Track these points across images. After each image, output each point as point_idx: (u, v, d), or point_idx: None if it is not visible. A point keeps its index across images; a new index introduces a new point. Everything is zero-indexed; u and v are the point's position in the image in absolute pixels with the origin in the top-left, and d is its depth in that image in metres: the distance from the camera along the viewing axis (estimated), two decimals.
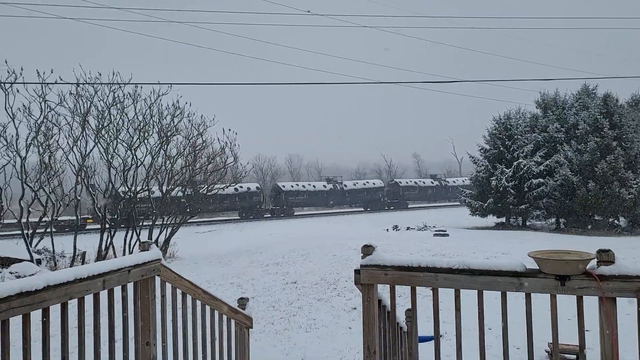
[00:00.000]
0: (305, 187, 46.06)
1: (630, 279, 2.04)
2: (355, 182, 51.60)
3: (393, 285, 2.54)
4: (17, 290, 1.87)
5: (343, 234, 21.00)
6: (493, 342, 4.48)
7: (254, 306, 8.21)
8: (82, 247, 14.08)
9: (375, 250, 2.50)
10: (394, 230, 24.22)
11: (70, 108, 13.95)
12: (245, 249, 16.77)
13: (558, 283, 2.15)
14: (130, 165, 15.02)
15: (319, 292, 9.37)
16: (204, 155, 17.00)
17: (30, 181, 13.69)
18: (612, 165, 21.85)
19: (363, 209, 48.31)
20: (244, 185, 40.36)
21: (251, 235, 23.95)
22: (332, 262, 12.25)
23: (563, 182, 23.36)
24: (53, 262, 13.30)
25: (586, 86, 26.89)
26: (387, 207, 48.97)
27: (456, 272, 2.32)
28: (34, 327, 2.01)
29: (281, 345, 6.49)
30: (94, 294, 2.40)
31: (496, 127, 26.72)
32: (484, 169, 26.40)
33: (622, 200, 21.69)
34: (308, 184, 47.62)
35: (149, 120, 15.12)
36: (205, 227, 31.99)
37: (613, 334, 2.07)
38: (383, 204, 48.97)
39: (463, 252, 13.40)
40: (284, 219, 40.29)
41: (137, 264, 2.74)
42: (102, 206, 14.66)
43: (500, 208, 25.36)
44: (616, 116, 23.12)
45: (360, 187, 48.97)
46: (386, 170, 76.11)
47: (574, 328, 2.20)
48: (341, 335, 6.85)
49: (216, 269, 12.54)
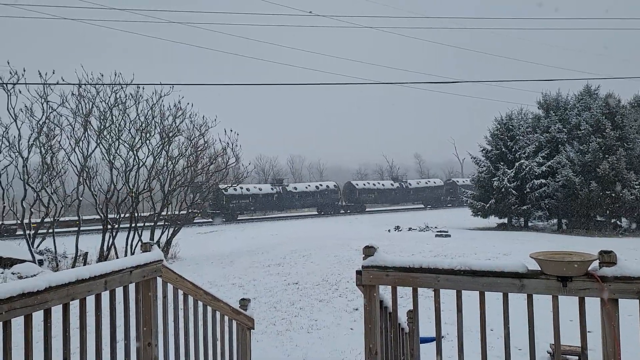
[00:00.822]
0: (375, 185, 49.38)
1: (632, 281, 2.04)
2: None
3: (395, 286, 2.54)
4: (19, 291, 1.88)
5: (344, 234, 21.01)
6: (495, 343, 4.47)
7: (255, 307, 8.22)
8: (84, 247, 14.10)
9: (377, 251, 2.50)
10: (396, 230, 24.22)
11: (72, 109, 13.97)
12: (246, 250, 16.78)
13: (560, 284, 2.15)
14: (132, 166, 15.03)
15: (321, 292, 9.37)
16: (205, 155, 17.01)
17: (32, 182, 13.72)
18: (614, 166, 21.80)
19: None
20: (324, 184, 46.36)
21: (253, 236, 23.96)
22: (333, 263, 12.25)
23: (565, 182, 23.31)
24: (55, 263, 13.31)
25: (588, 86, 26.84)
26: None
27: (458, 273, 2.32)
28: (36, 328, 2.02)
29: (283, 346, 6.49)
30: (96, 295, 2.40)
31: (498, 128, 26.70)
32: (485, 170, 26.38)
33: (624, 201, 21.65)
34: (378, 183, 50.95)
35: (151, 121, 15.14)
36: (206, 227, 32.01)
37: (615, 335, 2.07)
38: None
39: (465, 253, 13.38)
40: (354, 214, 43.51)
41: (138, 264, 2.74)
42: (103, 206, 14.67)
43: (502, 209, 25.33)
44: (618, 117, 23.08)
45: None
46: (388, 170, 76.13)
47: (575, 329, 2.20)
48: (343, 336, 6.84)
49: (218, 269, 12.55)
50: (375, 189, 48.43)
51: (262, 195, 41.14)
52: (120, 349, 2.63)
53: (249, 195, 40.14)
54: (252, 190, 40.62)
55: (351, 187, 47.68)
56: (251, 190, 40.48)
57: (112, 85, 14.22)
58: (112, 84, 14.21)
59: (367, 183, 50.16)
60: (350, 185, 48.18)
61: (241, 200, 39.68)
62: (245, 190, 39.74)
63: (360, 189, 47.53)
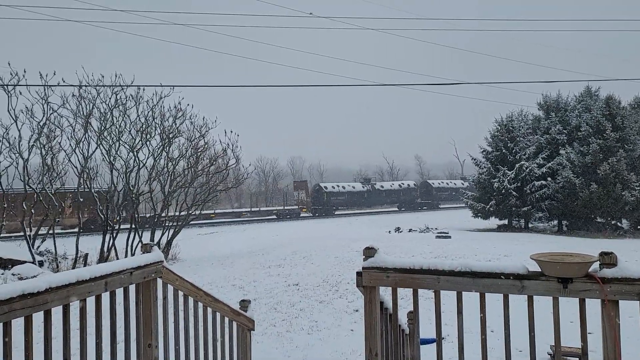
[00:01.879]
0: (449, 184, 52.39)
1: (633, 282, 2.04)
2: None
3: (395, 288, 2.54)
4: (19, 292, 1.88)
5: (344, 235, 21.00)
6: (495, 345, 4.47)
7: (255, 308, 8.22)
8: (84, 248, 14.10)
9: (377, 253, 2.50)
10: (396, 232, 24.23)
11: (72, 110, 13.98)
12: (247, 251, 16.78)
13: (560, 286, 2.15)
14: (133, 167, 15.04)
15: (321, 294, 9.37)
16: (206, 157, 17.02)
17: (32, 183, 13.72)
18: (614, 168, 21.79)
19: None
20: (405, 183, 51.47)
21: (253, 237, 23.95)
22: (334, 264, 12.24)
23: (565, 184, 23.30)
24: (55, 264, 13.31)
25: (588, 88, 26.84)
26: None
27: (458, 274, 2.31)
28: (36, 329, 2.02)
29: (283, 348, 6.49)
30: (96, 296, 2.40)
31: (498, 129, 26.69)
32: (486, 171, 26.37)
33: (624, 202, 21.63)
34: (450, 181, 54.02)
35: (151, 122, 15.15)
36: (207, 228, 32.01)
37: (615, 336, 2.07)
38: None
39: (465, 254, 13.37)
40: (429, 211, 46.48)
41: (139, 265, 2.74)
42: (104, 207, 14.67)
43: (503, 210, 25.32)
44: (619, 118, 23.08)
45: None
46: (388, 172, 76.16)
47: (576, 331, 2.19)
48: (343, 337, 6.84)
49: (218, 270, 12.54)
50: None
51: (355, 193, 45.00)
52: (120, 350, 2.63)
53: (345, 193, 45.06)
54: (347, 188, 45.79)
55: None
56: (346, 188, 45.54)
57: (112, 86, 14.23)
58: (113, 86, 14.22)
59: (441, 182, 52.43)
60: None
61: (339, 197, 44.60)
62: (341, 188, 45.26)
63: (437, 187, 49.90)
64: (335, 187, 45.44)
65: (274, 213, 43.60)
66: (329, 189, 44.96)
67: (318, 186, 46.24)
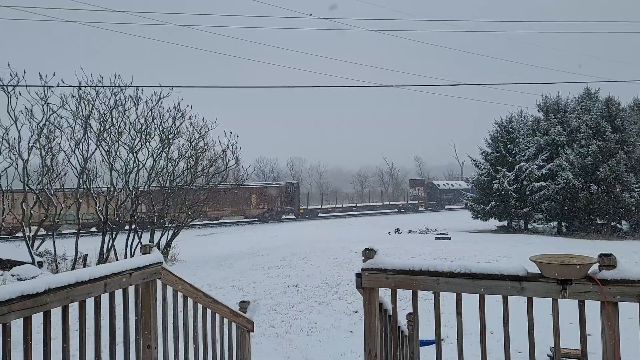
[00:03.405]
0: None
1: (632, 284, 2.04)
2: None
3: (394, 289, 2.54)
4: (19, 293, 1.87)
5: (344, 236, 20.99)
6: (495, 346, 4.46)
7: (255, 309, 8.20)
8: (83, 249, 14.08)
9: (377, 254, 2.50)
10: (396, 233, 24.22)
11: (72, 111, 13.97)
12: (247, 252, 16.76)
13: (560, 287, 2.15)
14: (132, 168, 15.03)
15: (321, 295, 9.36)
16: (205, 157, 17.00)
17: (32, 183, 13.71)
18: (614, 169, 21.81)
19: None
20: None
21: (253, 238, 23.95)
22: (333, 266, 12.22)
23: (565, 185, 23.31)
24: (55, 265, 13.30)
25: (588, 89, 26.87)
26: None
27: (457, 276, 2.32)
28: (35, 330, 2.02)
29: (282, 349, 6.49)
30: (96, 297, 2.40)
31: (498, 131, 26.71)
32: (485, 172, 26.38)
33: (624, 204, 21.65)
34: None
35: (151, 123, 15.13)
36: (206, 229, 31.99)
37: (615, 338, 2.07)
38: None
39: (465, 255, 13.35)
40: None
41: (138, 267, 2.74)
42: (103, 208, 14.66)
43: (502, 211, 25.32)
44: (618, 120, 23.10)
45: None
46: (388, 173, 76.19)
47: (575, 332, 2.19)
48: (342, 339, 6.84)
49: (217, 272, 12.53)
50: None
51: (462, 190, 46.64)
52: (119, 352, 2.63)
53: (453, 190, 49.90)
54: (454, 186, 51.76)
55: None
56: (454, 186, 51.25)
57: (111, 87, 14.23)
58: (112, 86, 14.22)
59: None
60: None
61: (449, 194, 50.10)
62: (450, 185, 52.34)
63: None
64: (445, 185, 53.28)
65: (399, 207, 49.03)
66: (441, 186, 52.26)
67: (432, 184, 53.15)
